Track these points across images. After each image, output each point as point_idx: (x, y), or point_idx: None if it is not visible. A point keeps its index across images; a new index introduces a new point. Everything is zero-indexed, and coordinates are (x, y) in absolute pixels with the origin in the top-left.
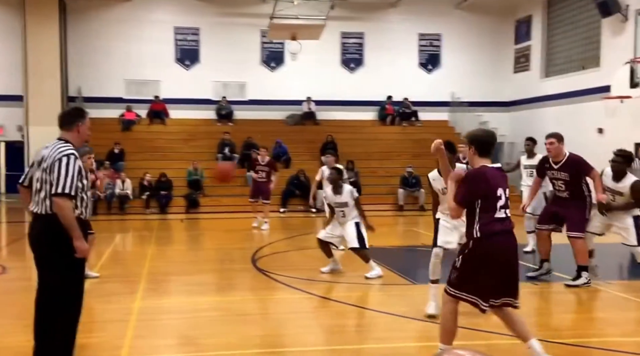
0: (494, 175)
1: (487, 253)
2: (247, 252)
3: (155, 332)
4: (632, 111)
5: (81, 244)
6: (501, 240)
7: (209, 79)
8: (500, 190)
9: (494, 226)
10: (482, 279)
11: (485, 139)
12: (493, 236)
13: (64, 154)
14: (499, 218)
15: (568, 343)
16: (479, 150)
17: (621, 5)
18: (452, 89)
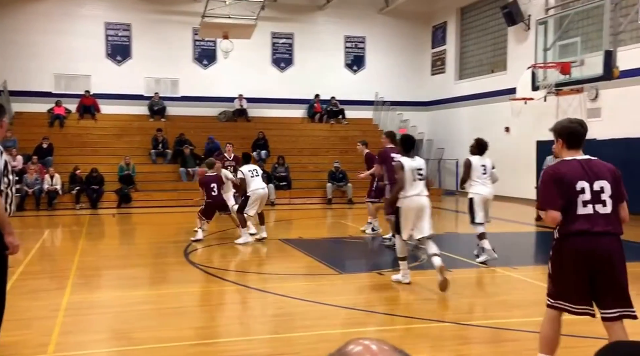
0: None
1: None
2: (180, 245)
3: (85, 327)
4: (535, 112)
5: (13, 240)
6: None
7: (141, 74)
8: (581, 184)
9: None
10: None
11: (573, 130)
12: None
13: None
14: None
15: (479, 324)
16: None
17: (524, 16)
18: (375, 89)
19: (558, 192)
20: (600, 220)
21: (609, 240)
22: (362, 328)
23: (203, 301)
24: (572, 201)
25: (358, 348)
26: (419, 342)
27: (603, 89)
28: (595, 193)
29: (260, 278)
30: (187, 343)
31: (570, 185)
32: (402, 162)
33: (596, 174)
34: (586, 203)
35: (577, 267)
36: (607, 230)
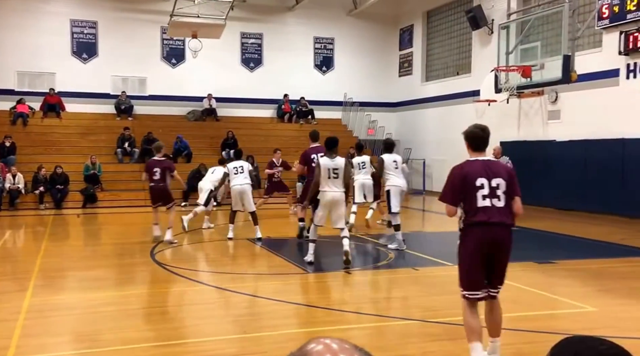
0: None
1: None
2: (146, 246)
3: (47, 330)
4: (498, 113)
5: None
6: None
7: (108, 73)
8: (480, 180)
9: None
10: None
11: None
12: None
13: None
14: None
15: (444, 321)
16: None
17: (488, 20)
18: (344, 90)
19: (460, 189)
20: (495, 212)
21: (503, 229)
22: (330, 327)
23: (169, 301)
24: (473, 195)
25: (319, 347)
26: (385, 340)
27: (562, 92)
28: (492, 189)
29: (228, 277)
30: (153, 344)
31: (472, 181)
32: (320, 161)
33: (494, 173)
34: (485, 197)
35: (477, 254)
36: (502, 221)
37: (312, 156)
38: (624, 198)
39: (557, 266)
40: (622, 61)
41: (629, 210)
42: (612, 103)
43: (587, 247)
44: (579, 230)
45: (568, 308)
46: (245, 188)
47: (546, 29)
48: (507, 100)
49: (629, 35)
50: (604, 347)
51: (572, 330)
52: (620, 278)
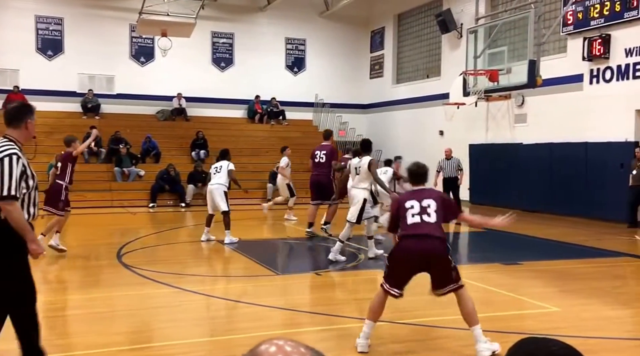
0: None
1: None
2: (113, 247)
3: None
4: (466, 116)
5: (37, 247)
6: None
7: (74, 70)
8: (410, 203)
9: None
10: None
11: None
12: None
13: (5, 154)
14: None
15: (412, 322)
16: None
17: (457, 24)
18: (315, 91)
19: (396, 214)
20: (424, 226)
21: (431, 241)
22: (299, 329)
23: (136, 304)
24: (404, 215)
25: (272, 349)
26: (353, 341)
27: (529, 96)
28: (423, 208)
29: (197, 280)
30: (119, 348)
31: (402, 204)
32: (350, 161)
33: (424, 197)
34: (414, 215)
35: (404, 260)
36: (429, 233)
37: (315, 152)
38: (586, 200)
39: (522, 267)
40: (585, 67)
41: (591, 211)
42: (576, 108)
43: (551, 248)
44: (543, 232)
45: (533, 309)
46: (213, 188)
47: (513, 34)
48: (475, 103)
49: (592, 41)
50: (555, 348)
51: (537, 330)
52: (581, 278)
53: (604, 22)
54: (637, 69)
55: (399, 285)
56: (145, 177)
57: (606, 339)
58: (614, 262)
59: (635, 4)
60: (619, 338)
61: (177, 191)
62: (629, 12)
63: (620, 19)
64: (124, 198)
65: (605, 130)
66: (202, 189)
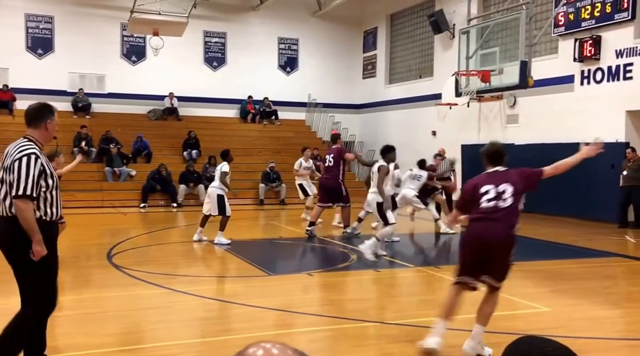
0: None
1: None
2: (103, 248)
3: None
4: (458, 117)
5: (40, 249)
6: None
7: (65, 69)
8: (486, 187)
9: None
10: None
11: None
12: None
13: (23, 154)
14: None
15: (404, 323)
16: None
17: (449, 24)
18: (308, 91)
19: (469, 198)
20: (497, 212)
21: (500, 227)
22: (291, 330)
23: (127, 305)
24: (477, 200)
25: (259, 352)
26: (345, 342)
27: (520, 97)
28: (498, 194)
29: (188, 280)
30: (109, 350)
31: (478, 188)
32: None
33: (501, 181)
34: (490, 200)
35: (471, 245)
36: (499, 218)
37: (326, 156)
38: (577, 200)
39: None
40: (576, 67)
41: (581, 212)
42: (567, 109)
43: (542, 248)
44: (535, 232)
45: (524, 309)
46: (209, 191)
47: (505, 34)
48: (467, 103)
49: (583, 42)
50: (549, 348)
51: (527, 331)
52: (572, 278)
53: (595, 23)
54: (628, 70)
55: (472, 273)
56: (136, 177)
57: (596, 339)
58: (604, 262)
59: (626, 5)
60: (609, 338)
61: (169, 191)
62: (620, 13)
63: (611, 20)
64: (114, 198)
65: (596, 131)
66: (193, 189)
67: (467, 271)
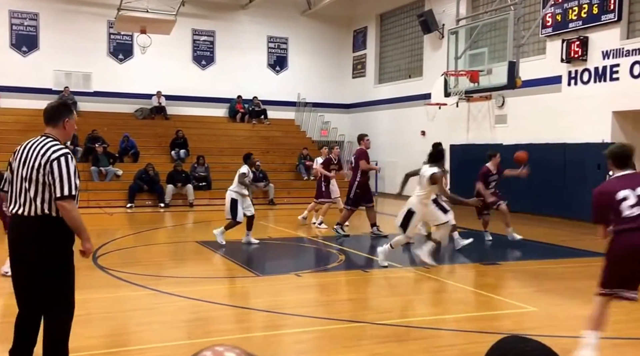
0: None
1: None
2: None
3: None
4: (448, 117)
5: (90, 246)
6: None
7: (50, 67)
8: (623, 193)
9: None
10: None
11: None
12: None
13: (60, 154)
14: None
15: (393, 323)
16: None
17: (439, 25)
18: (298, 90)
19: (606, 206)
20: None
21: None
22: (279, 331)
23: (112, 307)
24: (617, 208)
25: (207, 353)
26: (334, 343)
27: (509, 97)
28: (639, 197)
29: (174, 281)
30: (94, 352)
31: (614, 195)
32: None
33: (637, 183)
34: (633, 206)
35: (629, 257)
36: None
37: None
38: (565, 200)
39: (501, 267)
40: (564, 68)
41: (569, 212)
42: (555, 109)
43: (530, 248)
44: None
45: (510, 309)
46: (226, 194)
47: (493, 35)
48: (456, 104)
49: (570, 43)
50: (529, 348)
51: (514, 330)
52: (558, 278)
53: (582, 24)
54: (614, 71)
55: (629, 284)
56: (123, 177)
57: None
58: (590, 262)
59: (612, 6)
60: None
61: (156, 191)
62: (606, 14)
63: (598, 21)
64: (101, 198)
65: (583, 131)
66: (181, 189)
67: (623, 285)
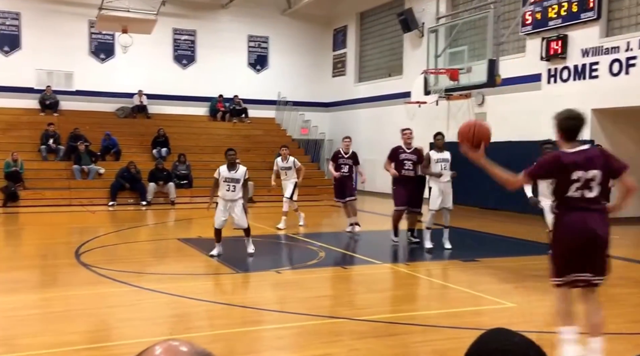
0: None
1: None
2: (71, 246)
3: None
4: (428, 115)
5: None
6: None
7: (32, 66)
8: (577, 174)
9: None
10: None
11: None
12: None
13: None
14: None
15: (371, 319)
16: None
17: (418, 23)
18: (278, 89)
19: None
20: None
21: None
22: (258, 327)
23: (93, 304)
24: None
25: (158, 350)
26: (312, 338)
27: (488, 95)
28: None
29: (156, 278)
30: (75, 347)
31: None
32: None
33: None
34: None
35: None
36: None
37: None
38: None
39: (480, 264)
40: (543, 66)
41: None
42: (534, 107)
43: (509, 245)
44: (502, 229)
45: (489, 305)
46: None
47: (473, 33)
48: (436, 102)
49: (550, 41)
50: (513, 341)
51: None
52: (538, 274)
53: (561, 22)
54: (593, 69)
55: (581, 267)
56: (105, 175)
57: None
58: None
59: (592, 5)
60: None
61: (138, 189)
62: (585, 13)
63: (577, 19)
64: (83, 196)
65: None
66: (163, 187)
67: (574, 269)
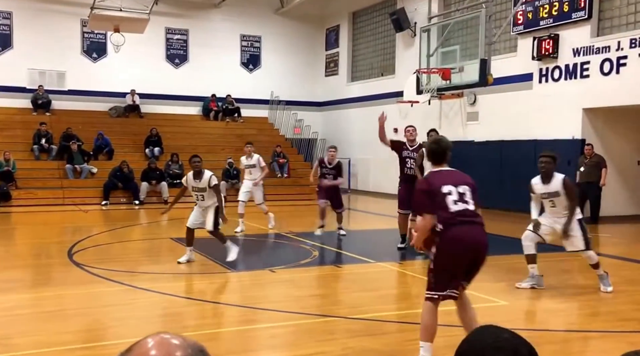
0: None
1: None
2: (64, 245)
3: None
4: (420, 114)
5: None
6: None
7: (24, 66)
8: (446, 188)
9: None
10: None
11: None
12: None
13: None
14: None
15: (365, 318)
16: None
17: (411, 23)
18: (271, 88)
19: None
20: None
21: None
22: (252, 326)
23: (87, 303)
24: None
25: (150, 343)
26: (306, 337)
27: (480, 95)
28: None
29: (149, 277)
30: (69, 347)
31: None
32: None
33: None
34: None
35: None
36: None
37: None
38: None
39: None
40: (535, 66)
41: None
42: (526, 106)
43: (501, 243)
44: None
45: (482, 303)
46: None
47: (465, 33)
48: (428, 101)
49: (541, 41)
50: (503, 337)
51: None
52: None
53: (553, 22)
54: (584, 68)
55: (457, 281)
56: (97, 174)
57: (551, 331)
58: (561, 257)
59: (583, 4)
60: (563, 331)
61: (131, 188)
62: (576, 12)
63: (568, 19)
64: (75, 195)
65: (554, 128)
66: (155, 186)
67: (451, 284)
